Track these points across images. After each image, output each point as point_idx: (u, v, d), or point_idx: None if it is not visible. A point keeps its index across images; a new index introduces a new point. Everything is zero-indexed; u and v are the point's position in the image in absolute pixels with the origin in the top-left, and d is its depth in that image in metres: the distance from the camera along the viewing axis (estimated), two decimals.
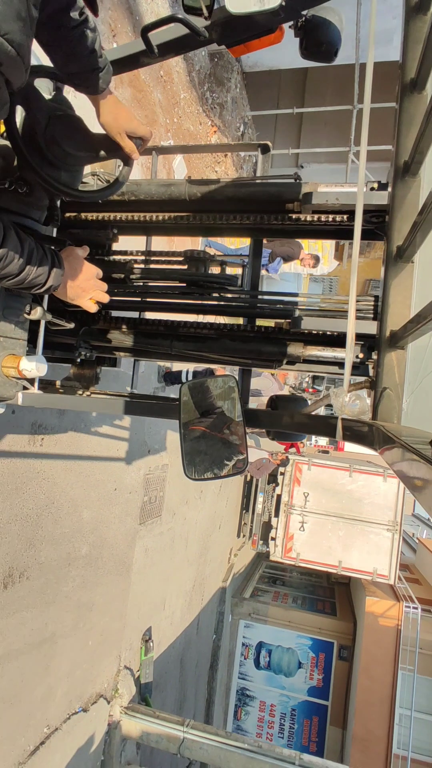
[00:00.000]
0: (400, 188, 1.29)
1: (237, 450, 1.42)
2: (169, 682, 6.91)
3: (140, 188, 1.66)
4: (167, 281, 1.87)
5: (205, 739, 4.49)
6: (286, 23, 1.29)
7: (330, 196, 1.47)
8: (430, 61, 1.10)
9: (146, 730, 4.68)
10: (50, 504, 3.45)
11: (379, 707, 8.81)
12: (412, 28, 1.21)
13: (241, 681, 10.73)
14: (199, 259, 1.80)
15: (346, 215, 1.52)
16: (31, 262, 1.08)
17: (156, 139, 5.33)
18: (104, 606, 4.48)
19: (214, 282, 1.79)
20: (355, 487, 9.33)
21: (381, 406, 1.28)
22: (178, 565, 7.03)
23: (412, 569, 12.64)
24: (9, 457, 2.98)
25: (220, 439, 1.43)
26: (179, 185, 1.63)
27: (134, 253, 1.94)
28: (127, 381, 2.13)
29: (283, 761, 4.29)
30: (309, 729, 10.08)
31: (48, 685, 3.62)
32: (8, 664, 3.13)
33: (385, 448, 0.92)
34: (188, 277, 1.80)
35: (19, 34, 0.66)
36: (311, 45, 1.41)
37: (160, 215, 1.74)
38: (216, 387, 1.55)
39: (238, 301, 1.85)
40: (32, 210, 1.31)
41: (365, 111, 1.23)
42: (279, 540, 9.59)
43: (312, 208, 1.51)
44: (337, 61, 1.49)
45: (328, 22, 1.36)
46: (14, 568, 3.10)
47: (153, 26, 1.23)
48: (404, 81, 1.23)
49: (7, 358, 1.40)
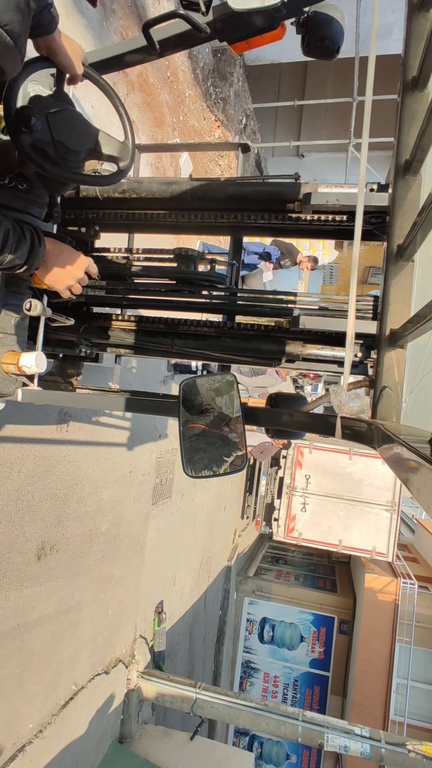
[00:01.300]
0: (401, 187, 1.29)
1: (236, 447, 1.41)
2: (179, 653, 7.33)
3: (142, 186, 1.66)
4: (157, 278, 1.87)
5: (215, 699, 4.89)
6: (287, 20, 1.28)
7: (330, 197, 1.48)
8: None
9: (161, 692, 5.08)
10: (75, 485, 3.78)
11: (377, 677, 9.29)
12: (415, 25, 1.19)
13: (245, 654, 11.23)
14: (188, 257, 1.81)
15: (345, 215, 1.53)
16: (5, 247, 1.03)
17: (163, 138, 5.54)
18: (122, 579, 4.85)
19: (203, 280, 1.81)
20: (354, 469, 9.65)
21: (380, 405, 1.28)
22: (187, 544, 7.42)
23: (411, 549, 13.08)
24: (40, 443, 3.30)
25: (219, 437, 1.43)
26: (181, 183, 1.63)
27: (123, 250, 1.94)
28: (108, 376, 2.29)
29: (287, 717, 4.70)
30: (311, 698, 10.61)
31: (74, 649, 3.99)
32: (41, 628, 3.48)
33: (384, 446, 0.91)
34: (178, 274, 1.81)
35: (18, 25, 0.66)
36: (313, 42, 1.39)
37: (161, 212, 1.73)
38: (215, 384, 1.55)
39: (223, 299, 1.88)
40: (32, 206, 1.30)
41: (366, 117, 1.23)
42: (282, 521, 9.96)
43: (312, 208, 1.51)
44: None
45: (330, 18, 1.35)
46: (46, 542, 3.44)
47: (154, 22, 1.22)
48: (406, 79, 1.22)
49: (6, 355, 1.38)
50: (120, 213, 1.76)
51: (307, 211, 1.54)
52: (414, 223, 1.16)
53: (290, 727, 4.71)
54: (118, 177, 1.29)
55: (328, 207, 1.49)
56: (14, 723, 3.24)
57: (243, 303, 1.91)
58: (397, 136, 1.26)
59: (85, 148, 1.17)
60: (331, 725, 4.74)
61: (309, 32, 1.36)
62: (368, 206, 1.37)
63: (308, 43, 1.39)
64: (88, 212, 1.78)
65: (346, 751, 4.57)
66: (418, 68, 1.17)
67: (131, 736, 5.04)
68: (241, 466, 1.40)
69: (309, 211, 1.54)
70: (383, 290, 1.33)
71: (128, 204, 1.72)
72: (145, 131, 5.23)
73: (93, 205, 1.76)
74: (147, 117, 5.16)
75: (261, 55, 8.04)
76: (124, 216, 1.77)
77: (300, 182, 1.55)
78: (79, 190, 1.72)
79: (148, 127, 5.29)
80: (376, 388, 1.30)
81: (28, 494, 3.17)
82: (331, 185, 1.51)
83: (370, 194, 1.42)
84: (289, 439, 5.55)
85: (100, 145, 1.20)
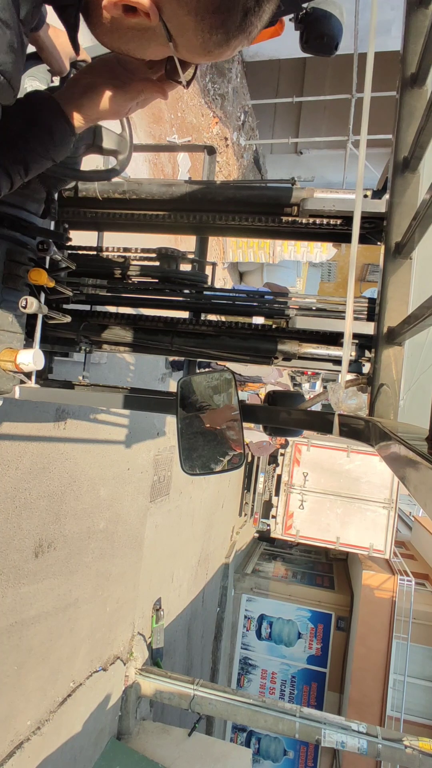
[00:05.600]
0: (399, 184, 1.29)
1: (233, 445, 1.42)
2: (177, 650, 7.35)
3: (142, 188, 1.68)
4: (141, 277, 1.89)
5: (213, 696, 4.91)
6: (286, 16, 1.27)
7: (326, 203, 1.51)
8: (431, 56, 1.09)
9: (159, 689, 5.09)
10: (72, 482, 3.77)
11: (374, 673, 9.34)
12: (414, 21, 1.19)
13: (243, 651, 11.27)
14: (171, 257, 1.84)
15: (340, 219, 1.56)
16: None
17: (161, 135, 5.53)
18: (120, 576, 4.86)
19: (185, 279, 1.84)
20: (352, 466, 9.68)
21: (378, 403, 1.28)
22: (185, 541, 7.43)
23: (408, 546, 13.14)
24: (38, 440, 3.29)
25: (217, 435, 1.44)
26: (180, 186, 1.65)
27: (110, 249, 1.96)
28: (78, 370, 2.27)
29: (285, 713, 4.72)
30: (308, 694, 10.66)
31: (72, 646, 3.99)
32: (39, 625, 3.49)
33: (381, 444, 0.91)
34: (160, 273, 1.83)
35: (12, 65, 0.66)
36: (312, 38, 1.39)
37: (160, 213, 1.74)
38: (213, 382, 1.56)
39: (205, 298, 1.92)
40: (28, 202, 1.29)
41: (364, 115, 1.23)
42: (279, 518, 9.99)
43: (308, 212, 1.54)
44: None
45: (329, 14, 1.35)
46: (43, 539, 3.44)
47: None
48: (404, 75, 1.22)
49: (4, 352, 1.38)
50: (119, 213, 1.77)
51: (303, 215, 1.57)
52: (412, 221, 1.16)
53: (288, 723, 4.73)
54: (117, 171, 1.27)
55: (324, 212, 1.52)
56: (12, 720, 3.25)
57: (241, 303, 1.94)
58: (396, 133, 1.26)
59: (83, 142, 1.15)
60: (329, 721, 4.76)
61: (308, 28, 1.36)
62: (363, 212, 1.39)
63: (307, 39, 1.39)
64: (87, 212, 1.78)
65: (343, 747, 4.60)
66: (417, 65, 1.17)
67: (129, 732, 5.05)
68: (239, 463, 1.40)
69: (306, 215, 1.56)
70: (381, 288, 1.34)
71: (127, 204, 1.72)
72: (143, 127, 5.21)
73: (92, 204, 1.75)
74: (145, 113, 5.14)
75: (260, 51, 8.00)
76: (123, 216, 1.77)
77: (297, 187, 1.58)
78: (77, 189, 1.71)
79: (146, 124, 5.27)
80: (373, 385, 1.31)
81: (25, 491, 3.16)
82: (326, 190, 1.55)
83: (365, 200, 1.43)
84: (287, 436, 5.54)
85: (98, 139, 1.18)
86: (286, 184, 1.61)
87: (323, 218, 1.57)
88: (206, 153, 1.95)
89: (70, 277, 1.77)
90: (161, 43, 0.70)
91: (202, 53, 0.70)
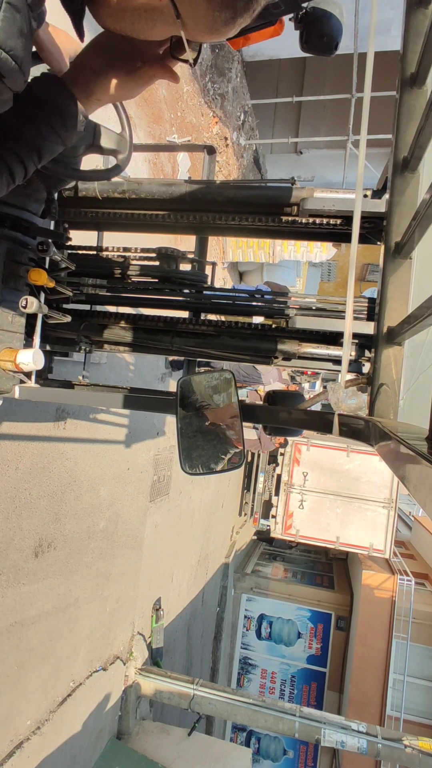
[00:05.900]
0: (399, 184, 1.29)
1: (233, 444, 1.42)
2: (177, 649, 7.35)
3: (142, 187, 1.68)
4: (141, 276, 1.89)
5: (213, 695, 4.91)
6: (286, 15, 1.25)
7: (326, 202, 1.51)
8: (431, 56, 1.10)
9: (159, 689, 5.10)
10: (72, 482, 3.77)
11: (374, 673, 9.34)
12: (413, 21, 1.19)
13: (243, 651, 11.27)
14: (170, 257, 1.84)
15: (339, 219, 1.57)
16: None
17: (161, 135, 5.53)
18: (119, 576, 4.86)
19: (185, 279, 1.85)
20: (352, 466, 9.67)
21: (378, 402, 1.29)
22: (185, 541, 7.43)
23: (408, 545, 13.14)
24: (38, 440, 3.29)
25: (216, 434, 1.44)
26: (180, 185, 1.66)
27: (110, 249, 1.96)
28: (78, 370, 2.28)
29: (284, 713, 4.72)
30: (308, 694, 10.66)
31: (72, 645, 3.99)
32: (39, 625, 3.49)
33: (381, 443, 0.91)
34: (160, 273, 1.83)
35: (22, 50, 0.67)
36: (312, 38, 1.37)
37: (160, 213, 1.74)
38: (213, 382, 1.56)
39: (205, 298, 1.93)
40: (29, 202, 1.29)
41: (364, 114, 1.23)
42: (279, 518, 9.98)
43: (308, 212, 1.55)
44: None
45: (329, 13, 1.34)
46: (43, 539, 3.44)
47: None
48: (404, 75, 1.22)
49: (3, 351, 1.38)
50: (119, 213, 1.77)
51: (303, 215, 1.57)
52: (412, 221, 1.16)
53: (287, 722, 4.74)
54: (117, 171, 1.27)
55: (324, 211, 1.52)
56: (12, 719, 3.25)
57: (241, 303, 1.95)
58: (395, 133, 1.26)
59: (84, 142, 1.14)
60: (328, 721, 4.76)
61: (308, 28, 1.34)
62: (363, 212, 1.39)
63: (307, 39, 1.37)
64: (87, 211, 1.78)
65: (343, 746, 4.60)
66: (417, 65, 1.17)
67: (129, 732, 5.05)
68: (239, 463, 1.40)
69: (305, 215, 1.57)
70: (381, 288, 1.34)
71: (127, 204, 1.72)
72: (143, 127, 5.20)
73: (92, 204, 1.75)
74: (144, 113, 5.14)
75: (259, 51, 8.00)
76: (123, 216, 1.77)
77: (297, 187, 1.58)
78: (77, 189, 1.71)
79: (145, 123, 5.26)
80: (373, 385, 1.31)
81: (25, 491, 3.16)
82: (326, 190, 1.55)
83: (365, 200, 1.44)
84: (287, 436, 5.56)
85: (97, 138, 1.17)
86: (285, 184, 1.61)
87: (323, 218, 1.57)
88: (206, 153, 1.96)
89: (70, 276, 1.77)
90: (168, 23, 0.70)
91: (208, 32, 0.70)
